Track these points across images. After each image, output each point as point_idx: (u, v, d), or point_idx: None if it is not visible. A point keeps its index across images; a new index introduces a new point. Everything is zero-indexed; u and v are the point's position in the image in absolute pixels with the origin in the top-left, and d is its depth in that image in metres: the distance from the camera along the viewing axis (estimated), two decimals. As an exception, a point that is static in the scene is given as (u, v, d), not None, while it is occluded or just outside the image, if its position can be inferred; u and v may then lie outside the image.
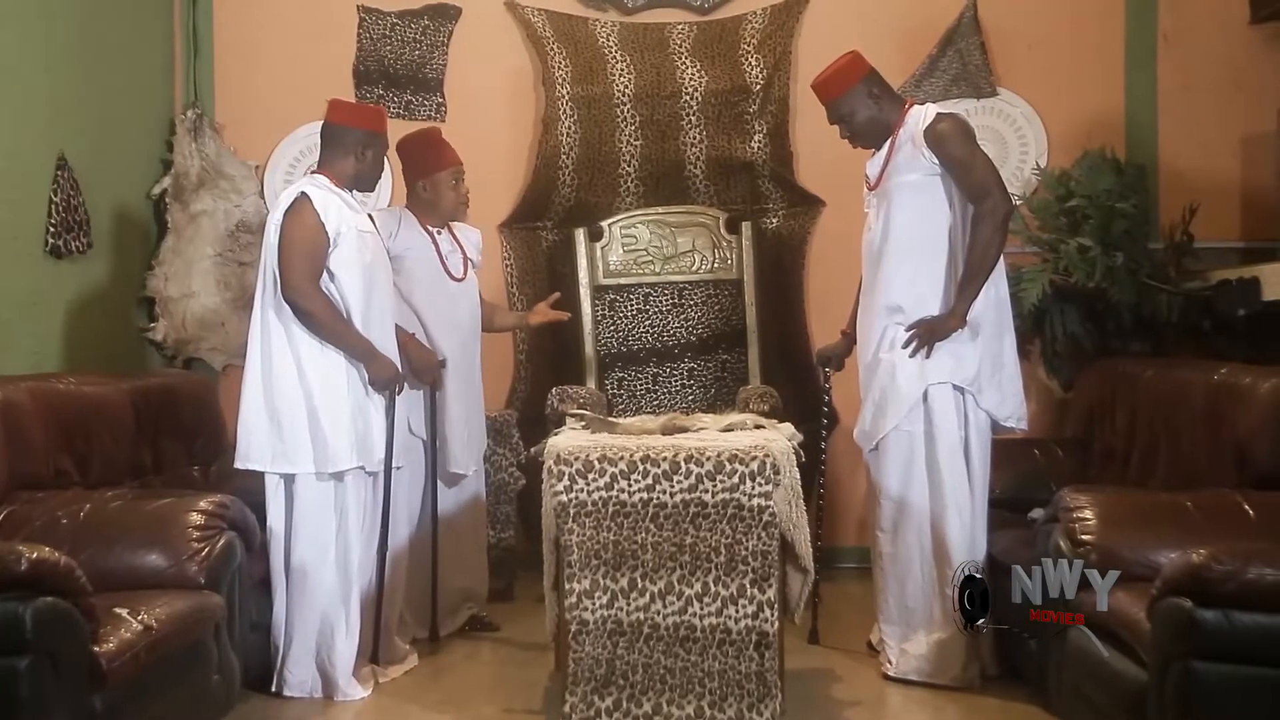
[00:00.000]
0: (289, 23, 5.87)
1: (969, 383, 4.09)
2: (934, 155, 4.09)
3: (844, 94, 4.22)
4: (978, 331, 4.10)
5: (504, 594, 5.16)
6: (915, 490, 4.10)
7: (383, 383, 4.05)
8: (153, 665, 3.29)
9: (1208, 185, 5.49)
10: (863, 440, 4.26)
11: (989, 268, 4.07)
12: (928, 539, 4.09)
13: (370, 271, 4.10)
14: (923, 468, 4.10)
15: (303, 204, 3.97)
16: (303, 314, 3.94)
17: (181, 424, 4.76)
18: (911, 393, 4.09)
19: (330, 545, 4.01)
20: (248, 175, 5.80)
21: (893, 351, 4.13)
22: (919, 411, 4.10)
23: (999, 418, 4.17)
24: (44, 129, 4.76)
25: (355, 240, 4.04)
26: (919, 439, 4.11)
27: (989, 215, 4.04)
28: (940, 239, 4.13)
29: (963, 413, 4.12)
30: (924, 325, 4.09)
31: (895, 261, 4.15)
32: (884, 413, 4.13)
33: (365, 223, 4.19)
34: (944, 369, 4.09)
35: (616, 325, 5.65)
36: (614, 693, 3.56)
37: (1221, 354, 4.87)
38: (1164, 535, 3.42)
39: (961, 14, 5.69)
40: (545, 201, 5.80)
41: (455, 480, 4.70)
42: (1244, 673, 2.89)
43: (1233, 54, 5.60)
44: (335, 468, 3.99)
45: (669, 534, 3.55)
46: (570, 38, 5.79)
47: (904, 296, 4.13)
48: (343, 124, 4.19)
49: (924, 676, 4.08)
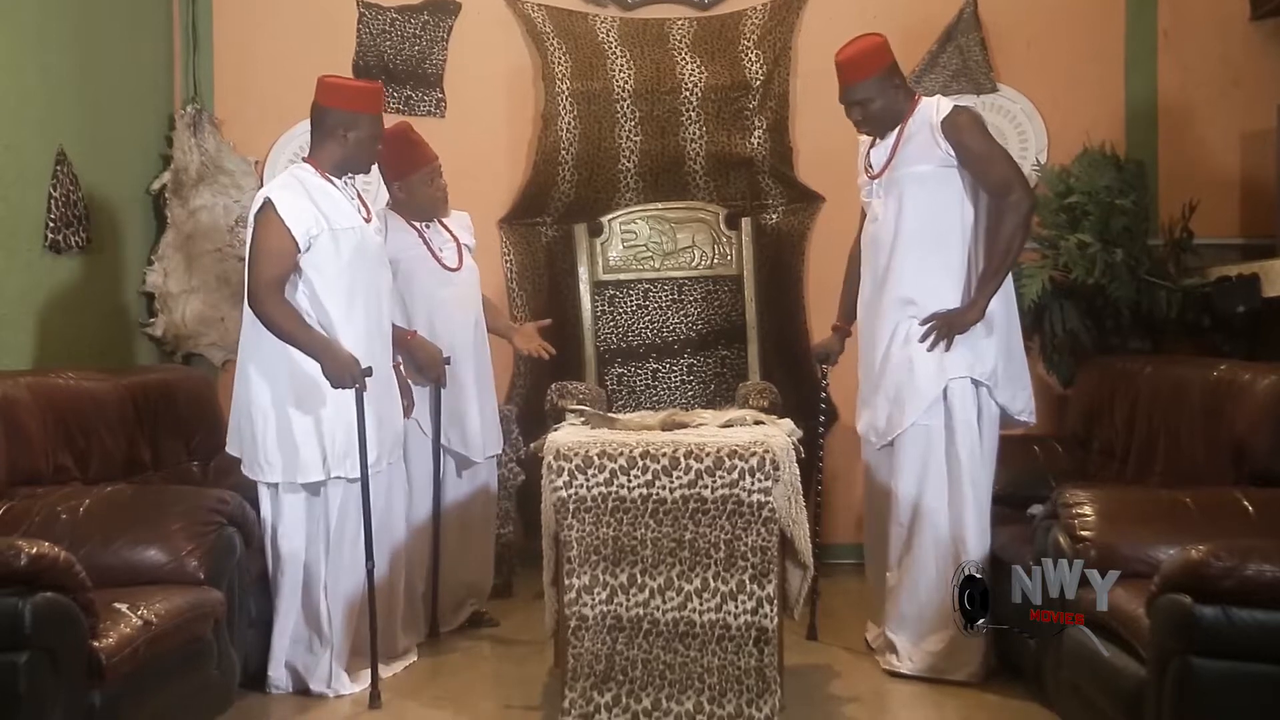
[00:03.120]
0: (288, 18, 5.86)
1: (988, 377, 4.10)
2: (951, 147, 4.08)
3: (868, 79, 4.16)
4: (993, 325, 4.10)
5: (503, 590, 5.16)
6: (933, 486, 4.09)
7: (336, 378, 3.87)
8: (152, 660, 3.29)
9: (1207, 181, 5.49)
10: (874, 436, 4.23)
11: (1012, 262, 4.09)
12: (944, 535, 4.07)
13: (352, 269, 4.01)
14: (941, 463, 4.09)
15: (267, 211, 3.92)
16: (263, 320, 3.91)
17: (181, 420, 4.76)
18: (931, 388, 4.07)
19: (301, 552, 4.02)
20: (247, 171, 5.80)
21: (908, 346, 4.10)
22: (938, 406, 4.09)
23: (1012, 411, 4.18)
24: (43, 124, 4.75)
25: (330, 240, 3.96)
26: (937, 433, 4.09)
27: (1013, 209, 4.04)
28: (953, 232, 4.12)
29: (977, 406, 4.12)
30: (942, 319, 4.07)
31: (908, 254, 4.13)
32: (902, 408, 4.11)
33: (349, 216, 4.05)
34: (963, 363, 4.08)
35: (616, 321, 5.65)
36: (613, 688, 3.56)
37: (1221, 350, 4.87)
38: (1163, 532, 3.41)
39: (962, 10, 5.69)
40: (545, 197, 5.80)
41: (467, 464, 4.71)
42: (1243, 669, 2.89)
43: (1232, 50, 5.60)
44: (305, 478, 3.98)
45: (668, 529, 3.55)
46: (570, 33, 5.78)
47: (917, 290, 4.11)
48: (324, 105, 4.07)
49: (941, 674, 4.06)
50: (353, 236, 4.03)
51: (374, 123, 4.13)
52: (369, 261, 4.11)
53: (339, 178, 4.11)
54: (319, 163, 4.07)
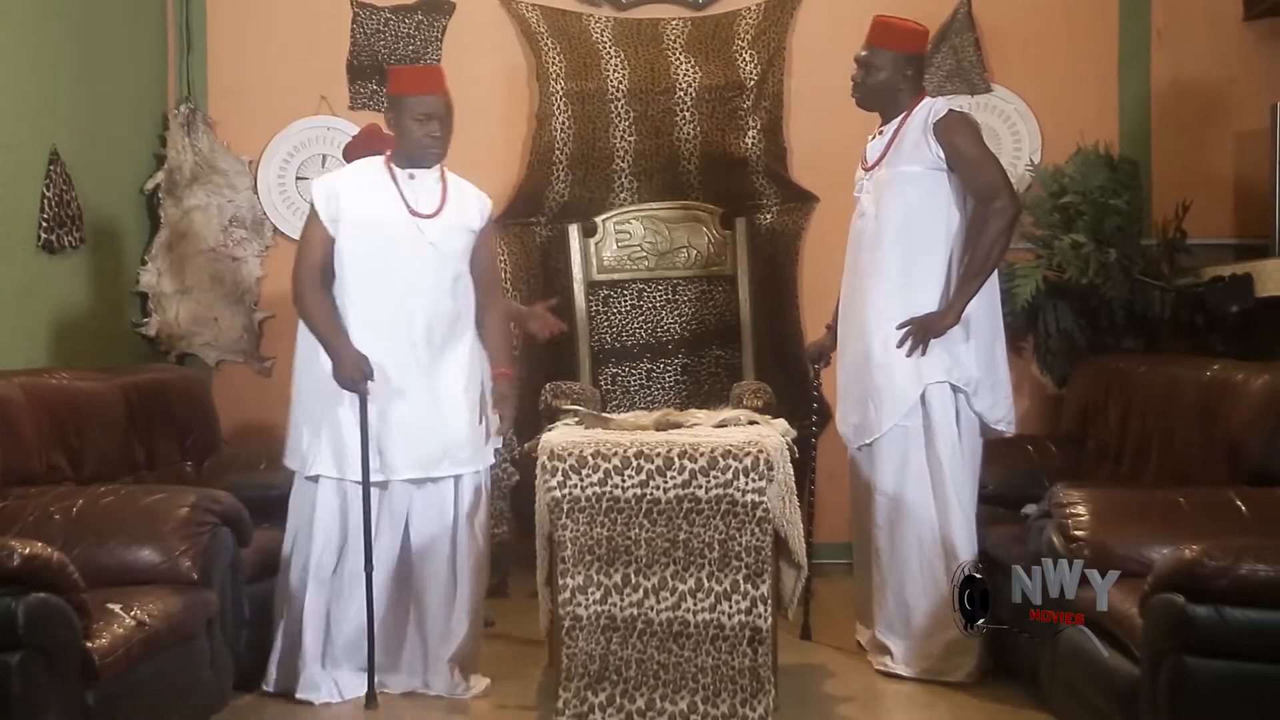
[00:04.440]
0: (282, 17, 5.85)
1: (966, 383, 4.09)
2: (941, 149, 4.07)
3: (890, 50, 4.15)
4: (971, 331, 4.10)
5: (497, 589, 5.15)
6: (912, 487, 4.09)
7: (342, 380, 3.84)
8: (145, 660, 3.28)
9: (1201, 182, 5.50)
10: (853, 436, 4.24)
11: (991, 268, 4.07)
12: (927, 536, 4.07)
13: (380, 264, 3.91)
14: (921, 463, 4.09)
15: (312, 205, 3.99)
16: (298, 311, 3.99)
17: (175, 420, 4.75)
18: (909, 392, 4.07)
19: (292, 544, 4.02)
20: (241, 170, 5.79)
21: (886, 348, 4.09)
22: (916, 410, 4.09)
23: (990, 420, 4.17)
24: (36, 123, 4.74)
25: (353, 231, 3.91)
26: (915, 435, 4.10)
27: (997, 215, 4.03)
28: (937, 235, 4.11)
29: (955, 411, 4.12)
30: (918, 322, 4.07)
31: (890, 254, 4.12)
32: (880, 410, 4.11)
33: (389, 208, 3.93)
34: (940, 368, 4.08)
35: (610, 321, 5.65)
36: (607, 688, 3.56)
37: (1214, 350, 4.88)
38: (1157, 531, 3.42)
39: (956, 10, 5.69)
40: (539, 197, 5.79)
41: None
42: (1236, 668, 2.90)
43: (1226, 50, 5.60)
44: (306, 471, 3.99)
45: (662, 529, 3.55)
46: (564, 33, 5.78)
47: (898, 292, 4.10)
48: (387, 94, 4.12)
49: (938, 675, 4.05)
50: (386, 230, 3.93)
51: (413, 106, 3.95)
52: (408, 258, 3.94)
53: (405, 169, 4.00)
54: (391, 155, 4.04)
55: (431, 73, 4.28)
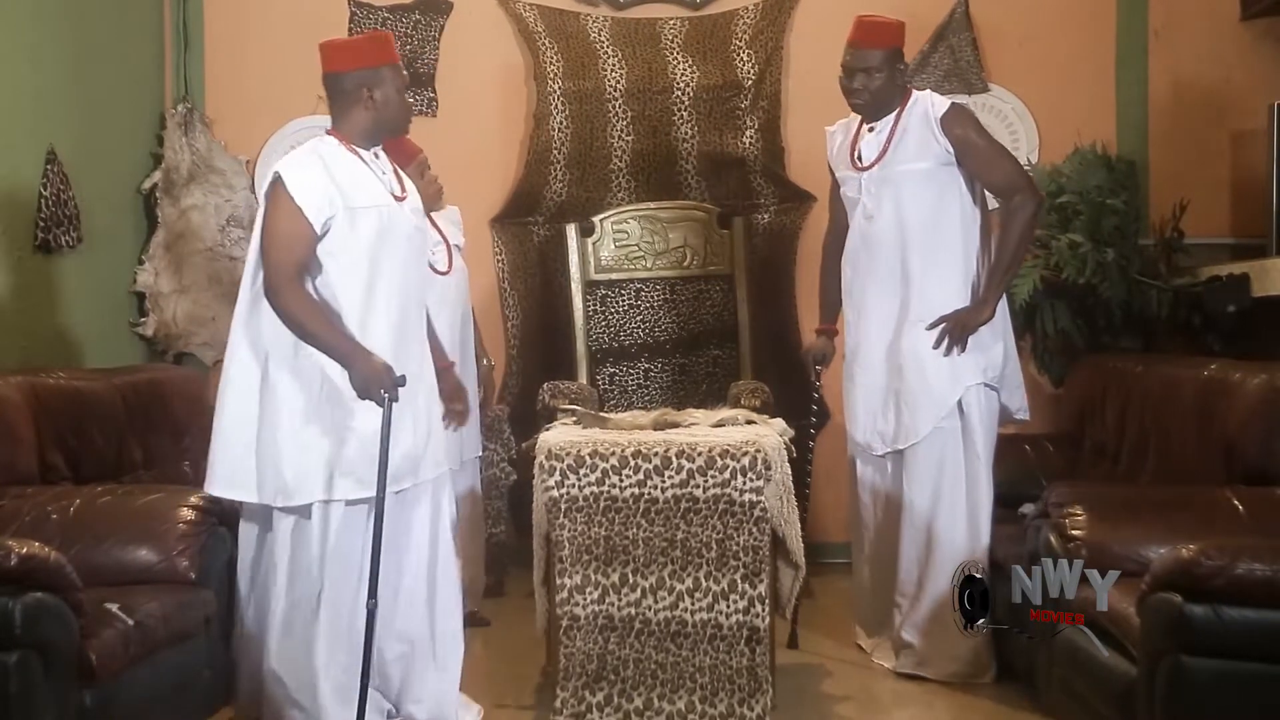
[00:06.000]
0: (279, 16, 5.85)
1: (997, 380, 4.11)
2: (951, 144, 4.06)
3: (882, 49, 4.11)
4: (997, 326, 4.10)
5: (495, 589, 5.16)
6: (949, 491, 4.06)
7: (363, 388, 3.32)
8: (143, 660, 3.29)
9: (1198, 181, 5.50)
10: (882, 443, 4.18)
11: (1020, 260, 4.11)
12: (962, 539, 4.04)
13: (374, 254, 3.46)
14: (959, 465, 4.07)
15: (277, 189, 3.40)
16: (280, 315, 3.38)
17: (172, 419, 4.75)
18: (948, 395, 4.06)
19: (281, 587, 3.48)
20: (238, 170, 5.79)
21: (919, 350, 4.07)
22: (954, 410, 4.08)
23: (1011, 409, 4.21)
24: (33, 123, 4.74)
25: (347, 220, 3.42)
26: (953, 435, 4.08)
27: (1021, 209, 4.04)
28: (955, 231, 4.10)
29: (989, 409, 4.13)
30: (954, 320, 4.04)
31: (914, 257, 4.10)
32: (916, 414, 4.08)
33: (374, 193, 3.51)
34: (977, 368, 4.07)
35: (608, 320, 5.65)
36: (605, 688, 3.56)
37: (1211, 350, 4.87)
38: (1154, 531, 3.43)
39: (953, 10, 5.69)
40: (536, 197, 5.79)
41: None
42: (1233, 668, 2.90)
43: (1223, 50, 5.60)
44: (288, 501, 3.43)
45: (660, 529, 3.56)
46: (562, 33, 5.78)
47: (926, 293, 4.08)
48: (339, 70, 3.52)
49: (965, 679, 4.03)
50: (376, 216, 3.48)
51: (397, 73, 3.59)
52: (398, 245, 3.54)
53: (368, 148, 3.58)
54: (345, 135, 3.54)
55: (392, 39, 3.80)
